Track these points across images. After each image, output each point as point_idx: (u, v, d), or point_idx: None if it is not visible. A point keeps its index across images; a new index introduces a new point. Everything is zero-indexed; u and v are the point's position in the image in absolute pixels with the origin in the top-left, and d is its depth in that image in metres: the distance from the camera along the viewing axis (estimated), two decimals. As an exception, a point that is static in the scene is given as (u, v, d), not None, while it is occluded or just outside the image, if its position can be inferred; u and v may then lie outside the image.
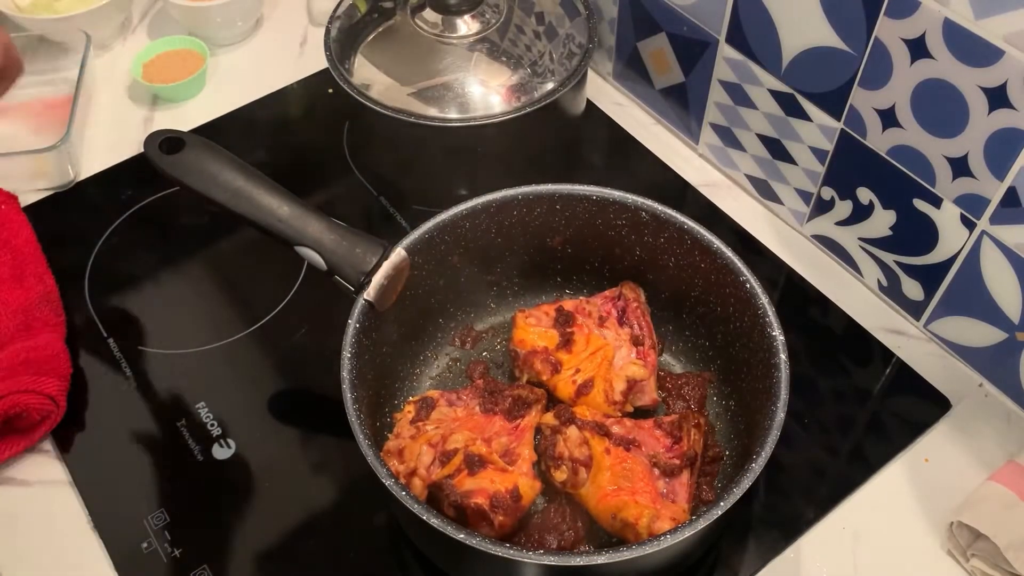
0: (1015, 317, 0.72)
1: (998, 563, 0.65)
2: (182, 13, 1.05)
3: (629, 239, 0.75)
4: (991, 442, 0.75)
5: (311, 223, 0.67)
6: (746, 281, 0.68)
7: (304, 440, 0.76)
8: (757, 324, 0.66)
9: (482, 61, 0.86)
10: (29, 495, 0.73)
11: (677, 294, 0.75)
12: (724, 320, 0.71)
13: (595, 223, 0.75)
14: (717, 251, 0.70)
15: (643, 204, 0.73)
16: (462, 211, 0.73)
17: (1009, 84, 0.63)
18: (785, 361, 0.63)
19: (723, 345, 0.73)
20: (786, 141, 0.84)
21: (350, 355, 0.65)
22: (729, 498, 0.57)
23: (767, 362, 0.65)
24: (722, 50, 0.85)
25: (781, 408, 0.61)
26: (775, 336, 0.65)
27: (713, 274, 0.71)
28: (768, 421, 0.61)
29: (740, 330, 0.69)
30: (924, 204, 0.75)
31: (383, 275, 0.67)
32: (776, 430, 0.60)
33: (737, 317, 0.69)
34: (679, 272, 0.74)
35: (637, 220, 0.73)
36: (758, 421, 0.63)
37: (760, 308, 0.66)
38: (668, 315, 0.77)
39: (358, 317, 0.66)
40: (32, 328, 0.78)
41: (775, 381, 0.63)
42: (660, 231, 0.73)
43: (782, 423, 0.60)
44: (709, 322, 0.74)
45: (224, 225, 0.90)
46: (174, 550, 0.69)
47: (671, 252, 0.73)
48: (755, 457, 0.59)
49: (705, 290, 0.73)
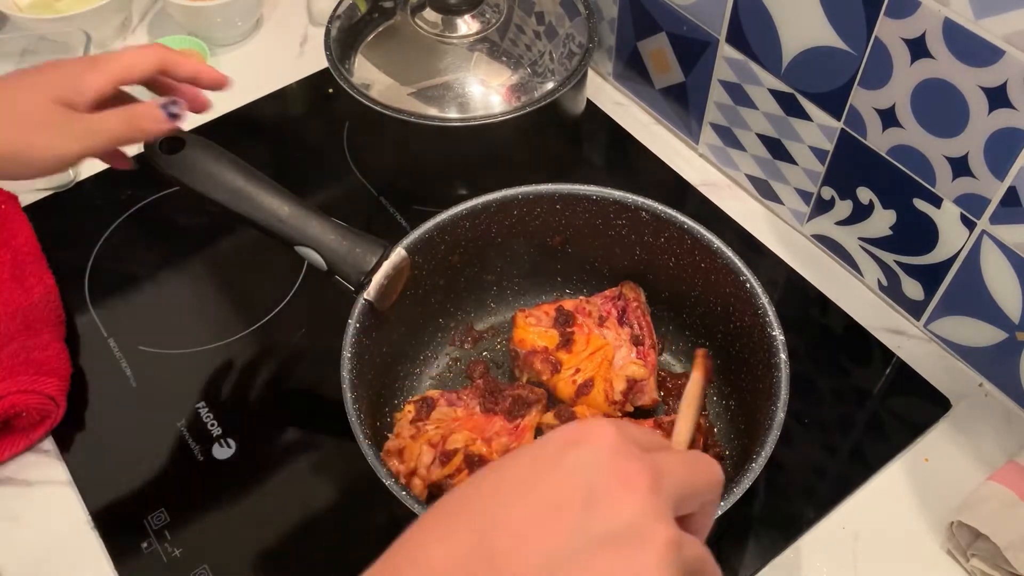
0: (1015, 317, 0.72)
1: (998, 563, 0.65)
2: (182, 13, 1.05)
3: (629, 239, 0.75)
4: (991, 442, 0.75)
5: (311, 223, 0.67)
6: (746, 281, 0.68)
7: (304, 440, 0.76)
8: (757, 324, 0.66)
9: (482, 61, 0.86)
10: (29, 495, 0.73)
11: (677, 294, 0.75)
12: (724, 319, 0.71)
13: (595, 223, 0.75)
14: (717, 251, 0.70)
15: (643, 204, 0.72)
16: (462, 211, 0.73)
17: (1009, 84, 0.63)
18: (785, 361, 0.63)
19: (723, 345, 0.73)
20: (786, 141, 0.84)
21: (350, 355, 0.65)
22: (729, 498, 0.57)
23: (767, 362, 0.64)
24: (722, 50, 0.85)
25: (781, 408, 0.61)
26: (775, 336, 0.65)
27: (713, 274, 0.71)
28: (768, 421, 0.61)
29: (740, 330, 0.69)
30: (924, 204, 0.75)
31: (383, 275, 0.67)
32: (776, 430, 0.60)
33: (737, 317, 0.69)
34: (679, 272, 0.74)
35: (637, 220, 0.73)
36: (758, 421, 0.63)
37: (760, 308, 0.66)
38: (668, 315, 0.77)
39: (358, 317, 0.66)
40: (32, 328, 0.78)
41: (775, 381, 0.63)
42: (660, 231, 0.73)
43: (782, 423, 0.60)
44: (709, 322, 0.74)
45: (224, 225, 0.90)
46: (174, 550, 0.69)
47: (671, 252, 0.73)
48: (755, 457, 0.59)
49: (705, 290, 0.73)
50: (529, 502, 0.36)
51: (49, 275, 0.83)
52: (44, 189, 0.94)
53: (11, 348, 0.76)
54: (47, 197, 0.94)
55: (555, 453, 0.37)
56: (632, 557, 0.35)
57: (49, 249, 0.86)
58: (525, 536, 0.35)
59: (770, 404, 0.62)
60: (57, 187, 0.94)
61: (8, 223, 0.86)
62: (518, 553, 0.34)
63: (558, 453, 0.37)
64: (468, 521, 0.36)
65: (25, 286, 0.81)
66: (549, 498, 0.36)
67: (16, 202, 0.89)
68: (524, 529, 0.35)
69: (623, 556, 0.35)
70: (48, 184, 0.94)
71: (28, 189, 0.93)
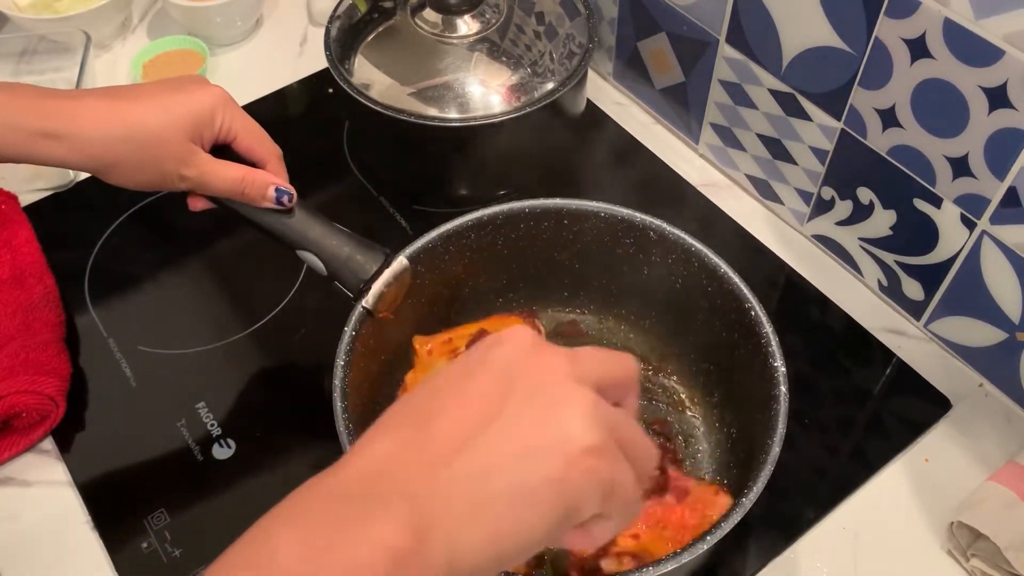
0: (1015, 317, 0.72)
1: (998, 563, 0.65)
2: (182, 13, 1.05)
3: (637, 258, 0.74)
4: (991, 442, 0.75)
5: (313, 227, 0.66)
6: (751, 308, 0.66)
7: (304, 440, 0.76)
8: (760, 353, 0.65)
9: (482, 61, 0.86)
10: (29, 495, 0.73)
11: (683, 316, 0.74)
12: (728, 347, 0.70)
13: (603, 240, 0.74)
14: (724, 276, 0.68)
15: (651, 224, 0.71)
16: (468, 222, 0.72)
17: (1009, 84, 0.63)
18: (785, 394, 0.62)
19: (726, 372, 0.71)
20: (786, 141, 0.84)
21: (344, 363, 0.64)
22: (717, 532, 0.56)
23: (767, 393, 0.63)
24: (722, 50, 0.85)
25: (777, 442, 0.59)
26: (776, 367, 0.63)
27: (719, 298, 0.69)
28: (763, 455, 0.59)
29: (743, 358, 0.68)
30: (924, 204, 0.75)
31: (383, 283, 0.67)
32: (770, 465, 0.58)
33: (741, 344, 0.68)
34: (685, 293, 0.72)
35: (645, 239, 0.72)
36: (755, 453, 0.62)
37: (764, 337, 0.65)
38: (672, 337, 0.76)
39: (355, 325, 0.66)
40: (32, 328, 0.78)
41: (773, 413, 0.61)
42: (668, 251, 0.72)
43: (776, 458, 0.59)
44: (714, 348, 0.72)
45: (224, 225, 0.89)
46: (174, 550, 0.69)
47: (678, 273, 0.72)
48: (746, 492, 0.57)
49: (710, 314, 0.71)
50: (458, 395, 0.41)
51: (49, 275, 0.83)
52: (44, 189, 0.94)
53: (11, 348, 0.76)
54: (47, 197, 0.94)
55: (480, 355, 0.42)
56: (550, 415, 0.40)
57: (49, 249, 0.86)
58: (455, 419, 0.40)
59: (766, 438, 0.60)
60: (57, 187, 0.94)
61: (8, 223, 0.86)
62: (448, 434, 0.39)
63: (482, 355, 0.42)
64: (408, 419, 0.41)
65: (25, 286, 0.81)
66: (476, 389, 0.41)
67: (16, 202, 0.89)
68: (454, 414, 0.40)
69: (541, 416, 0.40)
70: (48, 184, 0.94)
71: (28, 189, 0.93)
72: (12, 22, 1.03)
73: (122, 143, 0.62)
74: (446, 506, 0.38)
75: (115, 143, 0.62)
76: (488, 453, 0.39)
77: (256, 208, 0.66)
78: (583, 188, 0.94)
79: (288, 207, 0.66)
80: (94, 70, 1.04)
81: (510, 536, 0.38)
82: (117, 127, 0.62)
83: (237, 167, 0.66)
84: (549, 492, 0.38)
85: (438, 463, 0.39)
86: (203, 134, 0.65)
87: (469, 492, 0.38)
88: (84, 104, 0.62)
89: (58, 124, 0.61)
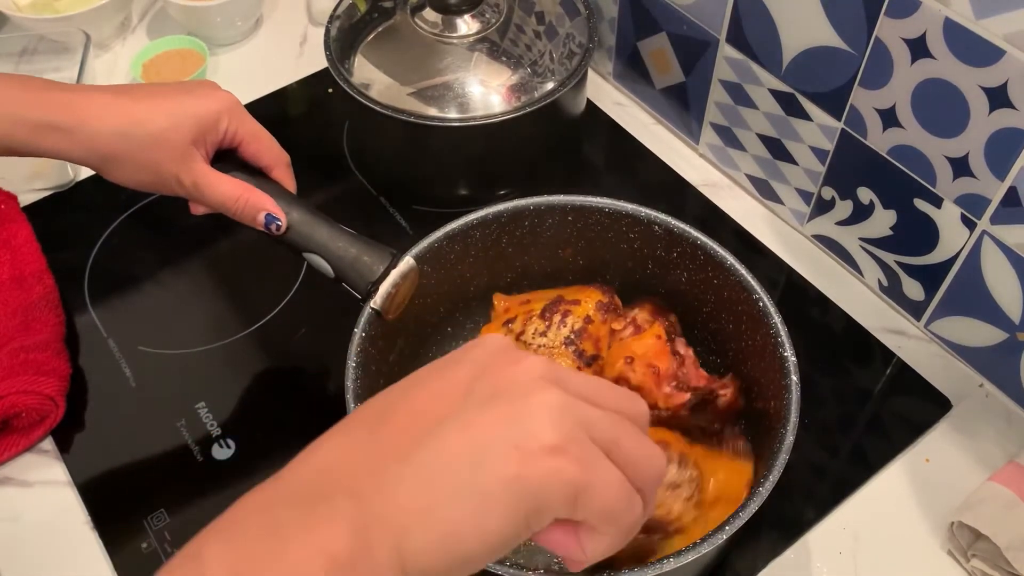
0: (1015, 317, 0.72)
1: (998, 563, 0.65)
2: (182, 13, 1.05)
3: (642, 252, 0.74)
4: (991, 442, 0.75)
5: (318, 230, 0.66)
6: (759, 299, 0.66)
7: (304, 440, 0.75)
8: (769, 343, 0.65)
9: (482, 61, 0.86)
10: (29, 495, 0.73)
11: (690, 309, 0.74)
12: (736, 337, 0.70)
13: (607, 235, 0.74)
14: (730, 267, 0.68)
15: (656, 218, 0.71)
16: (473, 220, 0.72)
17: (1009, 84, 0.63)
18: (796, 383, 0.62)
19: (735, 363, 0.71)
20: (786, 141, 0.84)
21: (355, 364, 0.64)
22: (735, 522, 0.56)
23: (778, 383, 0.63)
24: (722, 50, 0.85)
25: (791, 431, 0.59)
26: (787, 357, 0.63)
27: (726, 290, 0.69)
28: (777, 444, 0.59)
29: (752, 348, 0.68)
30: (924, 204, 0.75)
31: (391, 284, 0.66)
32: (785, 454, 0.58)
33: (749, 335, 0.68)
34: (692, 287, 0.72)
35: (650, 233, 0.72)
36: (767, 443, 0.62)
37: (772, 327, 0.65)
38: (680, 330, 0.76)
39: (364, 326, 0.66)
40: (32, 328, 0.78)
41: (785, 403, 0.61)
42: (673, 245, 0.72)
43: (791, 446, 0.59)
44: (721, 339, 0.73)
45: (224, 225, 0.89)
46: (174, 550, 0.69)
47: (684, 267, 0.72)
48: (763, 481, 0.57)
49: (717, 306, 0.71)
50: (428, 388, 0.40)
51: (49, 275, 0.83)
52: (44, 189, 0.94)
53: (11, 348, 0.76)
54: (47, 197, 0.94)
55: (457, 356, 0.42)
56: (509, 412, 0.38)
57: (49, 249, 0.86)
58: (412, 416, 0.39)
59: (780, 427, 0.60)
60: (57, 187, 0.94)
61: (8, 223, 0.86)
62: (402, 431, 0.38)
63: (459, 355, 0.42)
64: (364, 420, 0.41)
65: (25, 286, 0.81)
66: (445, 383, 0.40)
67: (16, 202, 0.89)
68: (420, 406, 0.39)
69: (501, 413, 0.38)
70: (48, 184, 0.94)
71: (28, 189, 0.93)
72: (12, 22, 1.03)
73: (122, 139, 0.62)
74: (393, 504, 0.36)
75: (115, 139, 0.62)
76: (441, 450, 0.37)
77: None
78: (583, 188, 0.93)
79: (276, 235, 0.66)
80: (94, 70, 1.04)
81: (467, 537, 0.36)
82: (119, 123, 0.62)
83: (235, 184, 0.65)
84: (504, 492, 0.36)
85: (388, 459, 0.37)
86: (207, 139, 0.65)
87: (419, 489, 0.36)
88: (90, 98, 0.62)
89: (64, 117, 0.61)
